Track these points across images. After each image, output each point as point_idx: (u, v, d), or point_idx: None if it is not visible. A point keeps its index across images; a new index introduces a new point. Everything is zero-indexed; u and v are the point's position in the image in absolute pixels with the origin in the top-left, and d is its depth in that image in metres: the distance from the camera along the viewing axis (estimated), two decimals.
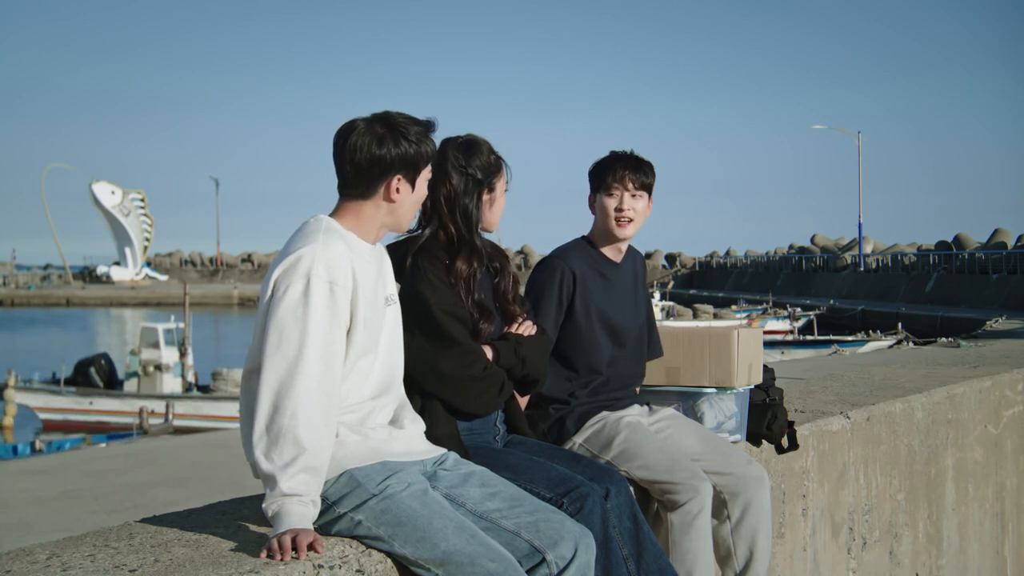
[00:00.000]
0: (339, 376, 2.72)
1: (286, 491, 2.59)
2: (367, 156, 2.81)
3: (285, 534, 2.53)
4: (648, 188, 3.88)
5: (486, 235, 3.43)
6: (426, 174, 2.92)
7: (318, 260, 2.69)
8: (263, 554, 2.52)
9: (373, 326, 2.82)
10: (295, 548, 2.51)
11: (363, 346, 2.79)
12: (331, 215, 2.87)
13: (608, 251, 3.91)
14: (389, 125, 2.84)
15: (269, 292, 2.71)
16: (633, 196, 3.84)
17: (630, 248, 4.00)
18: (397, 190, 2.85)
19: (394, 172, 2.83)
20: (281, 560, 2.48)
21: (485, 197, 3.35)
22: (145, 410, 22.99)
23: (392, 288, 3.01)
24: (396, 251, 3.24)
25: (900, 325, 31.21)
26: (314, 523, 2.70)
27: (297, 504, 2.60)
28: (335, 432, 2.73)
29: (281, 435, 2.62)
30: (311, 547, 2.53)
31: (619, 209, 3.83)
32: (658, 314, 33.11)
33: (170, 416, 23.36)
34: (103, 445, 19.18)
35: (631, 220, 3.84)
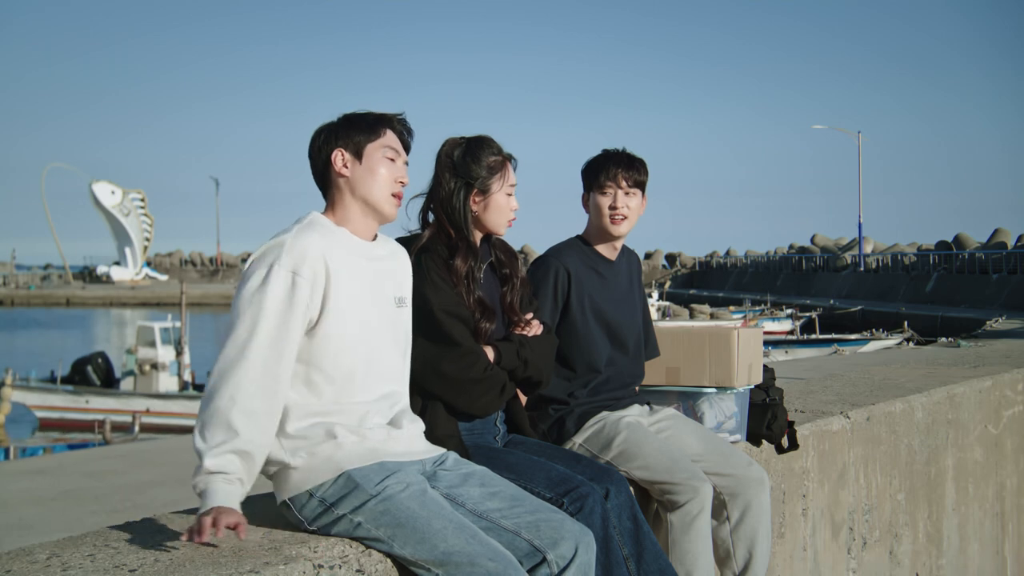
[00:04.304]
0: (290, 366, 2.71)
1: (211, 468, 2.58)
2: (315, 146, 2.91)
3: (207, 513, 2.51)
4: (641, 185, 3.88)
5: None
6: (378, 149, 2.89)
7: (285, 250, 2.71)
8: (184, 536, 2.50)
9: (355, 320, 2.79)
10: (214, 527, 2.48)
11: (347, 341, 2.77)
12: (323, 213, 2.91)
13: (603, 249, 3.91)
14: (343, 118, 2.92)
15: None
16: (627, 194, 3.84)
17: (625, 248, 4.01)
18: (345, 165, 2.87)
19: (332, 147, 2.88)
20: (200, 541, 2.45)
21: (479, 198, 3.35)
22: (108, 421, 22.43)
23: (405, 290, 3.00)
24: None
25: (906, 324, 31.08)
26: (314, 524, 2.70)
27: (223, 482, 2.58)
28: (277, 419, 2.70)
29: (216, 416, 2.62)
30: (234, 528, 2.49)
31: (613, 207, 3.83)
32: (654, 314, 33.08)
33: (136, 428, 22.68)
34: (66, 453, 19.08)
35: (625, 217, 3.85)
